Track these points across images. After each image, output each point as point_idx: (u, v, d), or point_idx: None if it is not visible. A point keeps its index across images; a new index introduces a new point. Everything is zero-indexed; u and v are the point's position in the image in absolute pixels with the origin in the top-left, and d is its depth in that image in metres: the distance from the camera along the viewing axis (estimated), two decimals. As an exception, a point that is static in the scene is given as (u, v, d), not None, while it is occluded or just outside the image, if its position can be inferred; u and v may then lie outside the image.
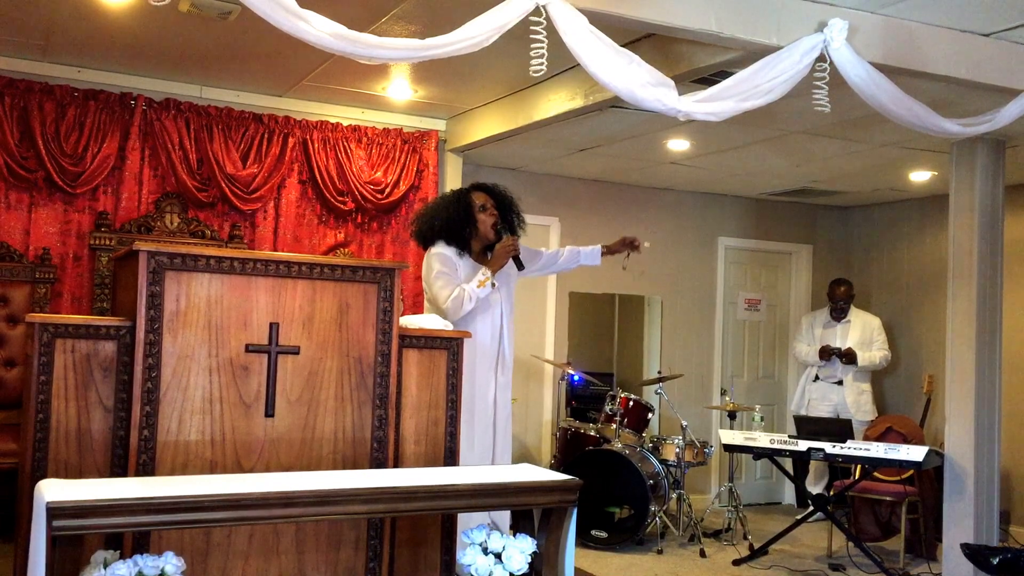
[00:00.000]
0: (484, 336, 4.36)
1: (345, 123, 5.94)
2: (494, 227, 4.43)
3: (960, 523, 5.02)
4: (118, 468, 2.97)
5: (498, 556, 3.10)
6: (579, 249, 4.86)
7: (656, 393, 6.67)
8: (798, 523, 6.01)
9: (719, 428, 6.88)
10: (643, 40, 4.25)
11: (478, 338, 4.32)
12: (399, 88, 5.50)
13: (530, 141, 6.01)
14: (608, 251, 4.88)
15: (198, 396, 3.03)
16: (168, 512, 2.53)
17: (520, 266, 4.43)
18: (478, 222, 4.41)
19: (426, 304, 4.45)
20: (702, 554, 5.86)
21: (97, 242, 5.28)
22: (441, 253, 4.34)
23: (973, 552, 4.12)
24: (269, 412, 3.14)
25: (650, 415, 6.46)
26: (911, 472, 5.70)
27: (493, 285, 4.31)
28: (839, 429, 5.74)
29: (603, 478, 5.88)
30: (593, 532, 5.92)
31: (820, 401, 7.12)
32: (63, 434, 2.92)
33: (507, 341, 4.45)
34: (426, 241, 4.48)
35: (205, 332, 3.05)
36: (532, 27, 3.16)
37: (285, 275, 3.17)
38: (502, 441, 4.44)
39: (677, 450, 6.19)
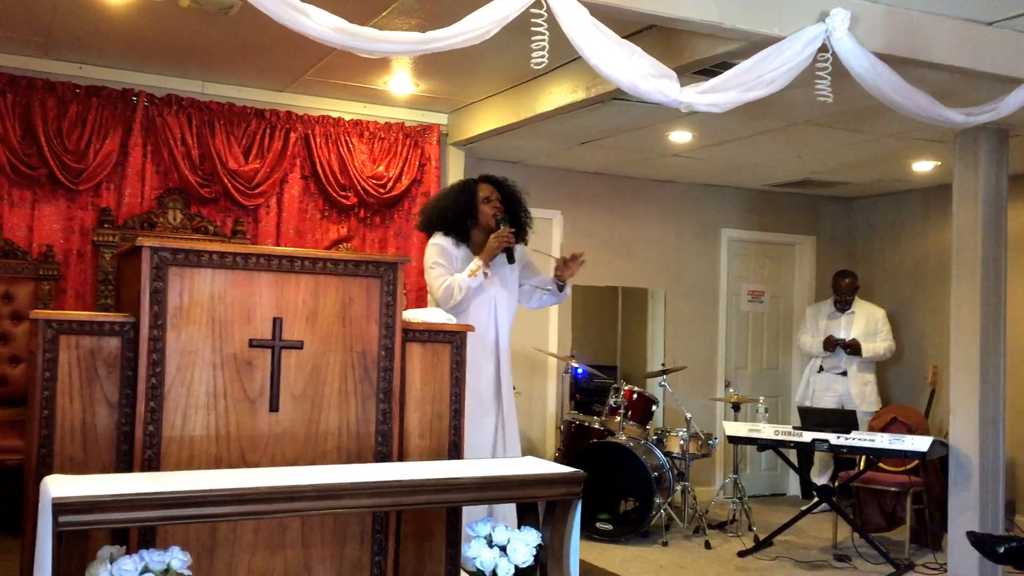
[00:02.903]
0: (484, 328, 4.36)
1: (347, 118, 5.94)
2: (494, 217, 4.42)
3: (965, 513, 5.01)
4: (123, 464, 2.97)
5: (503, 549, 3.11)
6: (544, 287, 4.66)
7: (660, 385, 6.67)
8: (803, 514, 6.01)
9: (723, 420, 6.88)
10: (644, 32, 4.24)
11: (478, 330, 4.31)
12: (400, 82, 5.49)
13: (532, 134, 6.00)
14: (559, 278, 4.60)
15: (202, 391, 3.03)
16: (174, 507, 2.54)
17: (511, 259, 4.42)
18: (479, 212, 4.42)
19: (430, 297, 4.47)
20: (707, 546, 5.87)
21: (100, 238, 5.29)
22: (438, 244, 4.38)
23: (979, 541, 4.12)
24: (273, 407, 3.14)
25: (654, 407, 6.46)
26: (916, 462, 5.70)
27: (485, 275, 4.31)
28: (843, 420, 5.73)
29: (608, 471, 5.88)
30: (598, 524, 5.93)
31: (824, 392, 7.12)
32: (68, 430, 2.92)
33: (503, 331, 4.44)
34: (428, 229, 4.51)
35: (208, 327, 3.05)
36: (533, 19, 3.15)
37: (288, 270, 3.17)
38: (511, 432, 4.42)
39: (681, 442, 6.20)
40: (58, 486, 2.51)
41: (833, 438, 5.51)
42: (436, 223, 4.45)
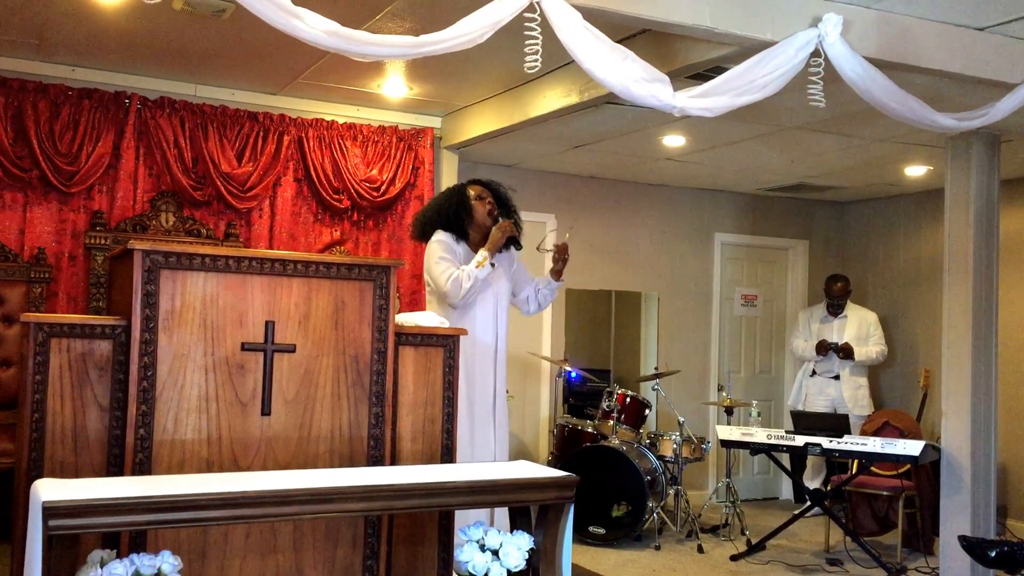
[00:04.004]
0: (483, 331, 4.37)
1: (340, 121, 5.93)
2: (490, 214, 4.44)
3: (957, 517, 5.03)
4: (114, 467, 2.96)
5: (495, 553, 3.10)
6: (538, 287, 4.68)
7: (653, 389, 6.67)
8: (795, 518, 6.02)
9: (716, 424, 6.88)
10: (638, 36, 4.25)
11: (477, 333, 4.32)
12: (394, 85, 5.49)
13: (526, 138, 6.01)
14: (556, 272, 4.62)
15: (194, 395, 3.03)
16: (165, 511, 2.53)
17: (518, 246, 4.47)
18: (473, 210, 4.44)
19: (428, 295, 4.46)
20: (700, 550, 5.87)
21: (92, 241, 5.27)
22: (441, 240, 4.38)
23: (971, 545, 4.12)
24: (265, 410, 3.13)
25: (647, 411, 6.46)
26: (908, 467, 5.70)
27: (492, 265, 4.31)
28: (836, 424, 5.74)
29: (601, 474, 5.88)
30: (591, 528, 5.93)
31: (817, 396, 7.13)
32: (59, 434, 2.91)
33: (502, 335, 4.45)
34: (425, 232, 4.51)
35: (201, 331, 3.04)
36: (526, 23, 3.15)
37: (281, 273, 3.16)
38: (501, 435, 4.45)
39: (674, 446, 6.20)
40: (48, 490, 2.50)
41: (826, 442, 5.52)
42: (434, 223, 4.45)
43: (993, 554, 3.90)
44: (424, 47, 3.15)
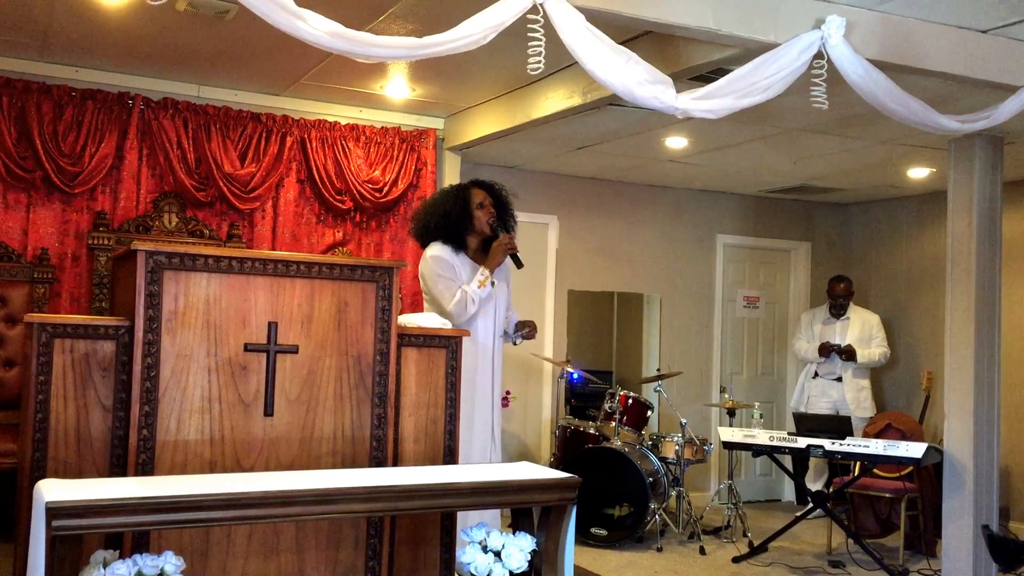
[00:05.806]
0: (484, 334, 4.37)
1: (343, 122, 5.94)
2: (490, 223, 4.41)
3: (959, 519, 5.02)
4: (117, 468, 2.97)
5: (498, 554, 3.10)
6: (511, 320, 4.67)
7: (655, 391, 6.67)
8: (798, 520, 6.02)
9: (718, 425, 6.88)
10: (641, 38, 4.25)
11: (478, 336, 4.33)
12: (397, 87, 5.50)
13: (528, 139, 6.01)
14: (522, 333, 4.64)
15: (197, 395, 3.03)
16: (167, 512, 2.53)
17: (519, 264, 4.44)
18: (474, 218, 4.40)
19: (426, 304, 4.44)
20: (702, 551, 5.87)
21: (95, 242, 5.28)
22: (438, 256, 4.32)
23: (992, 538, 4.10)
24: (268, 411, 3.13)
25: (649, 413, 6.46)
26: (910, 469, 5.70)
27: (492, 284, 4.32)
28: (838, 426, 5.74)
29: (603, 476, 5.88)
30: (593, 530, 5.92)
31: (819, 398, 7.13)
32: (62, 434, 2.92)
33: (499, 338, 4.47)
34: (423, 237, 4.47)
35: (204, 331, 3.04)
36: (529, 25, 3.15)
37: (283, 274, 3.17)
38: (497, 437, 4.46)
39: (676, 448, 6.19)
40: (52, 490, 2.50)
41: (828, 444, 5.51)
42: (433, 231, 4.41)
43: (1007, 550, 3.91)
44: (427, 48, 3.15)
